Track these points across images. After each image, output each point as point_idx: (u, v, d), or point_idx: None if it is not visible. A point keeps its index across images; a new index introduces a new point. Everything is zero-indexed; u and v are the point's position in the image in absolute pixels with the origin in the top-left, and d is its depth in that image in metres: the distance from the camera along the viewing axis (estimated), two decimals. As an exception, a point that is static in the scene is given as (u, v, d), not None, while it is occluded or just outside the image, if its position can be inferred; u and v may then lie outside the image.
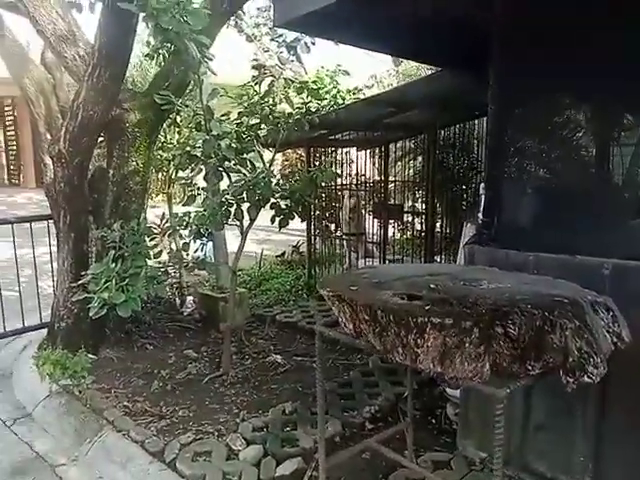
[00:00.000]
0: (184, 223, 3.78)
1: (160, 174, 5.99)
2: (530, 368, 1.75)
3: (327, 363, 4.46)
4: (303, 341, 5.00)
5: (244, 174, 4.17)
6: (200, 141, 3.88)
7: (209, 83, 4.51)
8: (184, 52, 3.13)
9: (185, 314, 5.43)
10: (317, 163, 6.46)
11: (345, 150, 8.30)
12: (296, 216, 4.31)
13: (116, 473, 3.06)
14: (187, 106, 4.10)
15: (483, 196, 3.66)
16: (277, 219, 4.27)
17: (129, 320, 4.63)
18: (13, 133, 20.55)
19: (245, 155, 4.26)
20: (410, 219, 6.29)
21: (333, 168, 5.91)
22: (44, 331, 4.76)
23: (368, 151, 7.28)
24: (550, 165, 3.10)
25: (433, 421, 3.57)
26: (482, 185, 3.78)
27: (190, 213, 3.90)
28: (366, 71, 10.18)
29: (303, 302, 6.01)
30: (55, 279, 4.61)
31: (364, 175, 7.10)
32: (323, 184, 4.71)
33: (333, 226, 7.26)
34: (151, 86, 4.37)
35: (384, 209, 5.36)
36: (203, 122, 3.81)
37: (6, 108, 20.15)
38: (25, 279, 5.27)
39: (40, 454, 3.39)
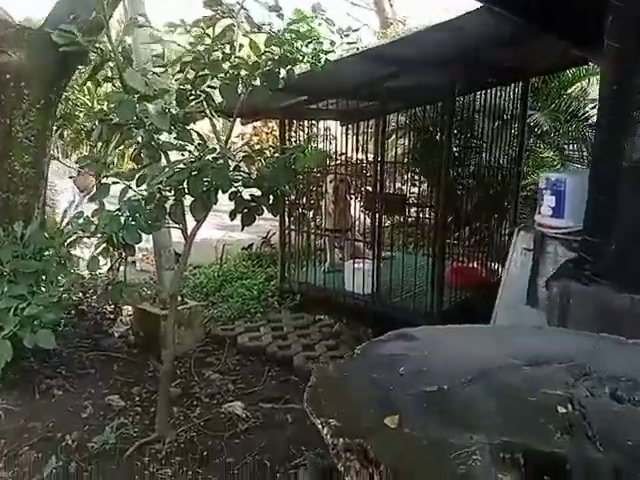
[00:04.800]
0: (91, 228, 2.44)
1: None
2: None
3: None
4: (273, 375, 3.76)
5: (190, 152, 2.85)
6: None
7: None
8: None
9: (116, 335, 4.10)
10: (293, 140, 5.13)
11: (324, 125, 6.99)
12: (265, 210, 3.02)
13: None
14: (102, 50, 2.71)
15: (545, 193, 2.47)
16: (238, 215, 2.97)
17: (28, 353, 3.31)
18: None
19: (192, 125, 2.94)
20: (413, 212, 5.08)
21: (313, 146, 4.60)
22: None
23: (348, 126, 5.97)
24: None
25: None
26: (542, 177, 2.57)
27: (103, 211, 2.56)
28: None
29: (274, 314, 4.74)
30: None
31: (344, 154, 5.82)
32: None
33: (311, 214, 5.96)
34: (49, 20, 2.94)
35: (381, 200, 4.11)
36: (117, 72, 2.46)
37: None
38: None
39: None
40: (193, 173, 2.49)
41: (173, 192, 2.60)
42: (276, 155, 3.10)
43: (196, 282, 5.45)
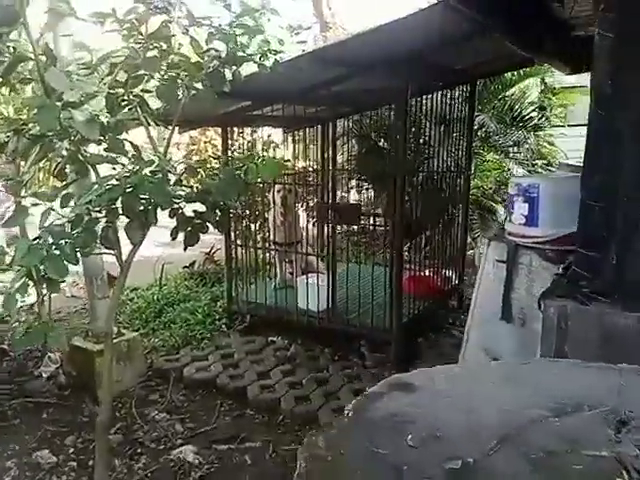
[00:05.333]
0: (6, 260, 2.03)
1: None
2: None
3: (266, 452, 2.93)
4: (226, 410, 3.40)
5: (124, 166, 2.48)
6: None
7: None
8: None
9: (44, 377, 3.61)
10: (234, 149, 4.79)
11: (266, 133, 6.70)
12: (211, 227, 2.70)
13: None
14: (14, 47, 2.31)
15: (516, 200, 2.30)
16: (181, 233, 2.62)
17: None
18: None
19: (124, 135, 2.58)
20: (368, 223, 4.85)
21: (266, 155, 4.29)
22: None
23: (294, 133, 5.72)
24: None
25: None
26: (512, 182, 2.40)
27: (20, 240, 2.16)
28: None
29: (223, 339, 4.37)
30: None
31: (291, 163, 5.57)
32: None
33: (258, 227, 5.62)
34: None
35: (334, 211, 3.87)
36: (37, 73, 2.09)
37: None
38: None
39: None
40: (128, 190, 2.13)
41: (104, 213, 2.23)
42: (219, 167, 2.79)
43: (134, 307, 4.99)
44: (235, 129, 4.76)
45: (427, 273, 4.83)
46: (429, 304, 4.54)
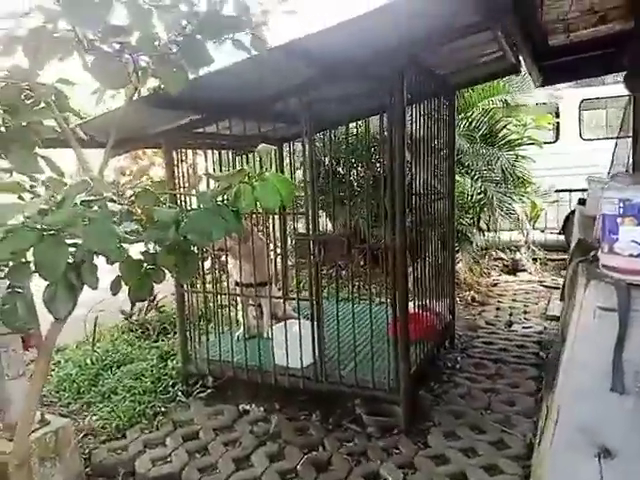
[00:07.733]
0: None
1: None
2: None
3: None
4: (199, 522, 2.50)
5: (34, 195, 1.63)
6: None
7: None
8: None
9: None
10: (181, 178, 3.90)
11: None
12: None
13: None
14: None
15: (622, 223, 1.65)
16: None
17: None
18: None
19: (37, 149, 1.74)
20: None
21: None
22: None
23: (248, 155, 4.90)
24: None
25: None
26: (612, 200, 1.73)
27: None
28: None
29: (182, 413, 3.42)
30: None
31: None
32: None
33: (214, 264, 4.70)
34: None
35: (319, 244, 3.09)
36: None
37: None
38: None
39: None
40: (46, 233, 1.28)
41: (5, 272, 1.36)
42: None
43: (61, 375, 3.94)
44: (183, 151, 3.90)
45: (423, 309, 4.11)
46: (430, 345, 3.85)
